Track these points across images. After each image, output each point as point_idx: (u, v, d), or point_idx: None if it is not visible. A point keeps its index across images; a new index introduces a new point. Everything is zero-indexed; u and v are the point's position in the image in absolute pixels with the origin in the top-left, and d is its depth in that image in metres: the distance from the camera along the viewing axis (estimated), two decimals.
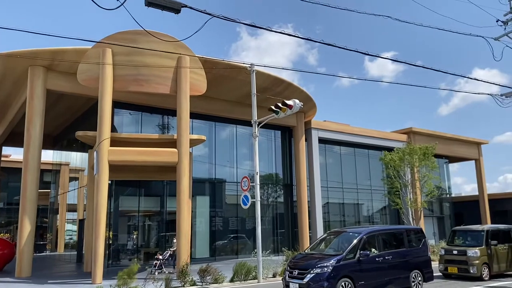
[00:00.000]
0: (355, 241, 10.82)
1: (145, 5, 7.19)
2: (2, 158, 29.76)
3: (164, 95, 17.17)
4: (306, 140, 26.15)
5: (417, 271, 11.78)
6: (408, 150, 23.73)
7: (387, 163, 24.40)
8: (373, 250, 11.16)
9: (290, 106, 14.78)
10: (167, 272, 15.71)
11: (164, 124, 22.20)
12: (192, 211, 18.52)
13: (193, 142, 17.42)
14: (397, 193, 24.03)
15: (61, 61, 16.84)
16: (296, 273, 10.37)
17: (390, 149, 27.49)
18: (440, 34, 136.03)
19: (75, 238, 28.73)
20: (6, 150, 30.73)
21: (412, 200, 23.48)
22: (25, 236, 16.27)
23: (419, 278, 11.77)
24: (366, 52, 10.29)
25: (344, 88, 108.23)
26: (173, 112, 18.02)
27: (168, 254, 17.36)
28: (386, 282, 10.99)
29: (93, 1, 7.35)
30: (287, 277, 10.66)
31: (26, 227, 16.34)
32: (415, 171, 23.86)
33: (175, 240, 16.72)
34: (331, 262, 10.15)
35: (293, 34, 9.67)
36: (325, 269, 10.00)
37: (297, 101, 14.83)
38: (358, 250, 10.61)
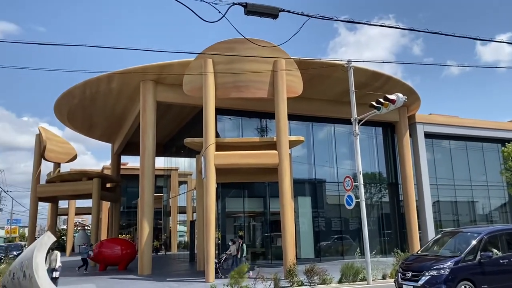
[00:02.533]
0: (474, 241, 10.01)
1: (245, 14, 7.45)
2: (121, 166, 32.90)
3: (261, 99, 17.57)
4: (410, 135, 24.83)
5: None
6: None
7: (507, 156, 22.16)
8: (495, 251, 10.20)
9: (392, 101, 14.13)
10: (221, 276, 15.53)
11: (263, 127, 22.73)
12: (294, 212, 18.64)
13: (292, 144, 17.57)
14: None
15: (168, 74, 18.18)
16: (410, 275, 9.89)
17: (509, 141, 24.89)
18: None
19: (186, 238, 30.67)
20: (123, 158, 33.86)
21: None
22: (145, 237, 17.77)
23: None
24: (478, 38, 9.45)
25: (453, 77, 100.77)
26: (271, 115, 18.36)
27: (224, 258, 17.24)
28: None
29: (197, 15, 7.81)
30: (399, 279, 10.22)
31: (145, 229, 17.84)
32: None
33: (230, 243, 16.83)
34: (448, 264, 9.51)
35: (394, 26, 9.25)
36: (442, 271, 9.39)
37: (400, 95, 14.15)
38: (479, 251, 9.79)
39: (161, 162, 32.79)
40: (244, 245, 17.37)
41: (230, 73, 16.23)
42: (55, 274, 13.13)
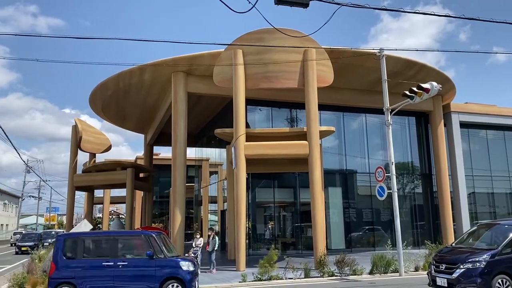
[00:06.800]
0: None
1: (275, 4, 7.40)
2: (153, 157, 33.58)
3: (291, 89, 17.48)
4: (445, 125, 24.15)
5: None
6: None
7: None
8: None
9: (426, 90, 13.77)
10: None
11: (292, 118, 22.65)
12: (324, 202, 18.57)
13: (322, 134, 17.45)
14: None
15: (198, 65, 18.35)
16: (444, 267, 9.70)
17: None
18: None
19: (217, 228, 31.10)
20: (156, 149, 34.52)
21: None
22: (177, 226, 18.14)
23: None
24: None
25: (500, 64, 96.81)
26: (301, 105, 18.26)
27: (199, 252, 15.65)
28: None
29: (227, 6, 7.84)
30: (433, 271, 10.03)
31: (178, 218, 18.20)
32: None
33: (198, 236, 16.16)
34: (484, 256, 9.26)
35: (437, 14, 8.97)
36: (478, 264, 9.16)
37: (434, 83, 13.77)
38: None
39: (192, 153, 33.30)
40: (216, 238, 15.94)
41: (260, 63, 16.22)
42: None
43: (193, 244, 16.13)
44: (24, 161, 46.88)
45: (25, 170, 50.56)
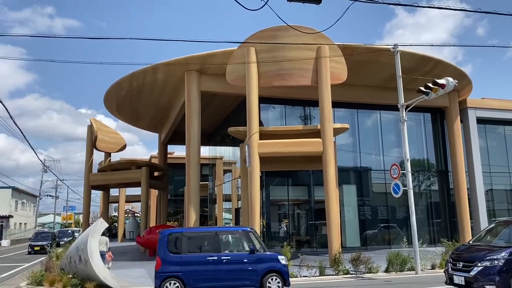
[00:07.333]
0: None
1: (288, 0, 7.37)
2: (167, 155, 33.79)
3: (305, 87, 17.39)
4: (461, 121, 23.79)
5: None
6: None
7: None
8: None
9: (442, 86, 13.57)
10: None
11: (306, 115, 22.56)
12: (339, 200, 18.47)
13: (336, 131, 17.34)
14: None
15: (211, 64, 18.38)
16: (461, 265, 9.54)
17: None
18: None
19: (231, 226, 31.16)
20: (170, 148, 34.74)
21: None
22: (192, 224, 18.21)
23: None
24: None
25: None
26: (314, 103, 18.17)
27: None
28: None
29: (239, 4, 7.82)
30: (450, 269, 9.88)
31: (192, 216, 18.28)
32: None
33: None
34: (502, 254, 9.08)
35: (453, 8, 8.83)
36: (496, 262, 8.98)
37: (450, 79, 13.56)
38: None
39: (206, 151, 33.40)
40: None
41: (273, 61, 16.17)
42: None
43: None
44: (41, 161, 47.78)
45: (42, 169, 51.42)
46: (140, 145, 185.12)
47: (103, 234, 13.66)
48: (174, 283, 10.29)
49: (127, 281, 12.75)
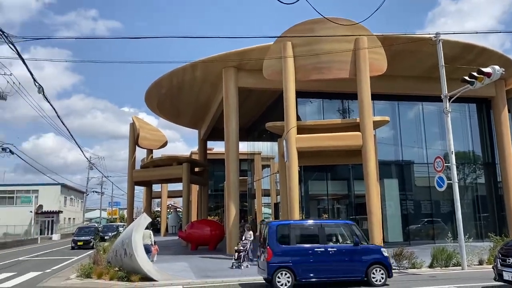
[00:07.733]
0: None
1: None
2: (207, 151, 34.30)
3: (342, 79, 17.14)
4: (509, 111, 22.69)
5: None
6: None
7: None
8: None
9: (488, 74, 12.99)
10: (246, 266, 14.27)
11: (344, 109, 22.24)
12: (380, 194, 18.11)
13: (376, 124, 17.01)
14: None
15: (248, 60, 18.46)
16: (511, 261, 9.17)
17: None
18: None
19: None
20: (209, 144, 35.22)
21: None
22: (232, 219, 18.47)
23: None
24: None
25: None
26: (352, 96, 17.88)
27: (248, 246, 15.19)
28: None
29: None
30: (499, 265, 9.51)
31: (232, 210, 18.53)
32: None
33: (247, 229, 15.73)
34: None
35: None
36: None
37: (496, 67, 12.95)
38: None
39: (245, 147, 33.62)
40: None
41: (310, 54, 16.04)
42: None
43: (242, 237, 16.14)
44: (87, 158, 49.50)
45: (88, 167, 53.37)
46: (181, 142, 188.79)
47: (146, 228, 14.13)
48: (285, 274, 10.31)
49: (170, 274, 13.10)
